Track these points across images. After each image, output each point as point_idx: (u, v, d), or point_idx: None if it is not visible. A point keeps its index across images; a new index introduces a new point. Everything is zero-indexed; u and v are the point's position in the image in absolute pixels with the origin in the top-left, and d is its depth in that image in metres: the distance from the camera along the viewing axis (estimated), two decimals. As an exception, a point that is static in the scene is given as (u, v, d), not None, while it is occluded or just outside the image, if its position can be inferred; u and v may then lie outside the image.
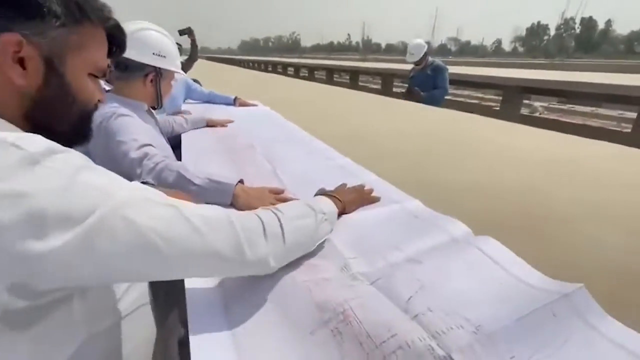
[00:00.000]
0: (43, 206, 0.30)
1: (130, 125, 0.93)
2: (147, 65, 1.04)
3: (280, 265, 0.48)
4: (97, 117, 0.92)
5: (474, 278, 0.50)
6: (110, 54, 0.50)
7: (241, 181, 0.82)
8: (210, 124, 1.58)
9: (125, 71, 1.02)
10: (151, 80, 1.06)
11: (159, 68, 1.06)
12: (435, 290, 0.47)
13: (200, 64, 3.06)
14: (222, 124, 1.60)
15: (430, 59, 3.27)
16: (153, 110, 1.17)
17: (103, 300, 0.46)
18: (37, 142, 0.33)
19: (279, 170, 1.04)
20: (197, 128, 1.54)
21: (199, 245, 0.38)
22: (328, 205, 0.62)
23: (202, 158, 1.17)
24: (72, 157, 0.35)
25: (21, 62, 0.38)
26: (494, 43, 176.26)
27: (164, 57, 1.06)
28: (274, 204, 0.80)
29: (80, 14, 0.42)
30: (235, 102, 2.21)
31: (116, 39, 0.51)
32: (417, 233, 0.64)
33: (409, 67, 3.56)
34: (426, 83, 3.22)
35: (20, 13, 0.37)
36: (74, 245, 0.31)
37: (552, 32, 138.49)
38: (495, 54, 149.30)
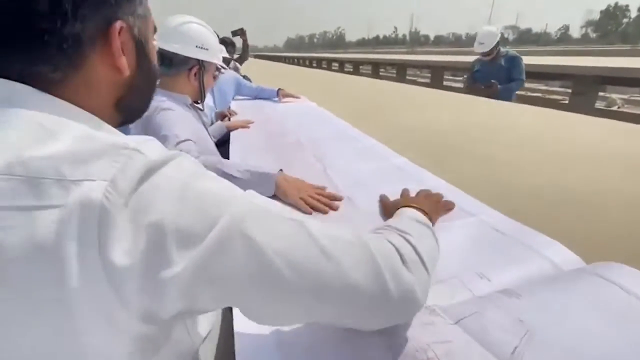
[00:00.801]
0: (162, 224, 0.26)
1: (172, 118, 0.93)
2: (191, 58, 1.04)
3: (425, 301, 0.36)
4: None
5: (609, 323, 0.38)
6: None
7: (280, 170, 0.79)
8: (230, 129, 1.50)
9: (170, 66, 1.03)
10: (195, 74, 1.07)
11: (202, 61, 1.07)
12: (550, 338, 0.36)
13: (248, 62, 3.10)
14: (243, 126, 1.53)
15: (502, 49, 2.79)
16: (201, 106, 1.18)
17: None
18: (154, 148, 0.29)
19: (330, 170, 0.98)
20: (219, 136, 1.49)
21: (330, 273, 0.30)
22: (427, 219, 0.49)
23: (250, 155, 1.14)
24: (185, 161, 0.30)
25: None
26: (559, 29, 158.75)
27: (207, 49, 1.07)
28: (312, 197, 0.74)
29: None
30: (278, 93, 2.19)
31: None
32: (504, 255, 0.52)
33: (460, 58, 3.21)
34: (497, 76, 2.73)
35: None
36: (193, 269, 0.26)
37: (634, 14, 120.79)
38: (560, 41, 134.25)
